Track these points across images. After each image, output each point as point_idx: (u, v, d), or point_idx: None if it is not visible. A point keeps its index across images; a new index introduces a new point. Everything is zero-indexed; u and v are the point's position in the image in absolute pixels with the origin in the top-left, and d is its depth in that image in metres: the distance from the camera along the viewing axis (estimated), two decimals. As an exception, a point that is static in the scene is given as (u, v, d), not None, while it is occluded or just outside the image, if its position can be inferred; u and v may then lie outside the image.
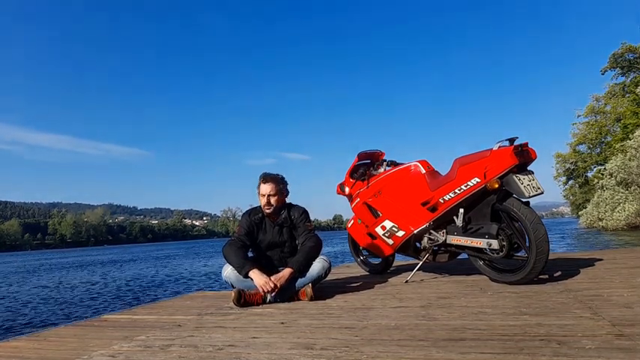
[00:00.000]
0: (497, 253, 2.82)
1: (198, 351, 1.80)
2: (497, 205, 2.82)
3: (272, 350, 1.73)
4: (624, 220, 20.86)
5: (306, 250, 2.95)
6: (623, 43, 30.17)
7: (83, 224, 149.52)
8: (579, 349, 1.46)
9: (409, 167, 3.43)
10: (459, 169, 2.93)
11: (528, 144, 2.76)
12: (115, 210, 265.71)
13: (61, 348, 2.04)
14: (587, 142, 33.07)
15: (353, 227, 3.91)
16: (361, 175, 3.72)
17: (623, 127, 27.21)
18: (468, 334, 1.75)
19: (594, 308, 2.01)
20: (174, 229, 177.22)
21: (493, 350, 1.52)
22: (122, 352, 1.85)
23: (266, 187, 3.07)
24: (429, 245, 3.18)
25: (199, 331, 2.19)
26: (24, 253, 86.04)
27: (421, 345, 1.65)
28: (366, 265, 4.13)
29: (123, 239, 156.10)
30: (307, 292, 2.84)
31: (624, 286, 2.47)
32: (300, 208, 3.16)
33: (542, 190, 2.74)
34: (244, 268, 2.84)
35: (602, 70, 32.60)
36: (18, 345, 2.17)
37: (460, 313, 2.14)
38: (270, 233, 3.11)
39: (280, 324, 2.21)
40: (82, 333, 2.35)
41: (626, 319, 1.79)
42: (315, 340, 1.84)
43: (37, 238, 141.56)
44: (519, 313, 2.04)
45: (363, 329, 1.97)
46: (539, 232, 2.62)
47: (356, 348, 1.68)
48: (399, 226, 3.31)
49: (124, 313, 3.01)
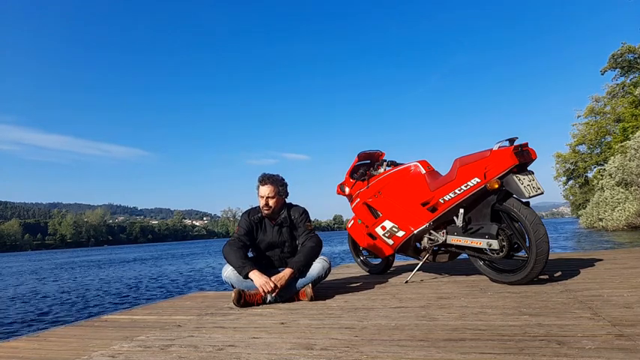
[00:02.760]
0: (497, 253, 2.82)
1: (198, 351, 1.80)
2: (498, 206, 2.82)
3: (272, 350, 1.73)
4: (624, 221, 20.85)
5: (306, 251, 2.95)
6: (623, 44, 30.20)
7: (83, 224, 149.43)
8: (579, 350, 1.46)
9: (409, 167, 3.43)
10: (459, 170, 2.93)
11: (528, 144, 2.76)
12: (115, 210, 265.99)
13: (61, 348, 2.04)
14: (587, 142, 33.10)
15: (353, 227, 3.91)
16: (361, 176, 3.72)
17: (622, 130, 27.21)
18: (468, 335, 1.75)
19: (594, 308, 2.01)
20: (174, 229, 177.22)
21: (493, 350, 1.52)
22: (122, 353, 1.85)
23: (264, 189, 3.06)
24: (429, 245, 3.18)
25: (199, 331, 2.19)
26: (24, 254, 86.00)
27: (421, 345, 1.66)
28: (366, 266, 4.13)
29: (123, 239, 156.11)
30: (307, 292, 2.84)
31: (624, 286, 2.47)
32: (300, 209, 3.16)
33: (542, 190, 2.74)
34: (244, 269, 2.84)
35: (602, 71, 32.61)
36: (18, 345, 2.17)
37: (460, 313, 2.15)
38: (269, 233, 3.11)
39: (280, 324, 2.21)
40: (81, 333, 2.35)
41: (626, 319, 1.79)
42: (315, 340, 1.85)
43: (37, 238, 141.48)
44: (519, 313, 2.04)
45: (363, 329, 1.97)
46: (539, 232, 2.62)
47: (356, 348, 1.68)
48: (399, 226, 3.31)
49: (123, 313, 3.00)
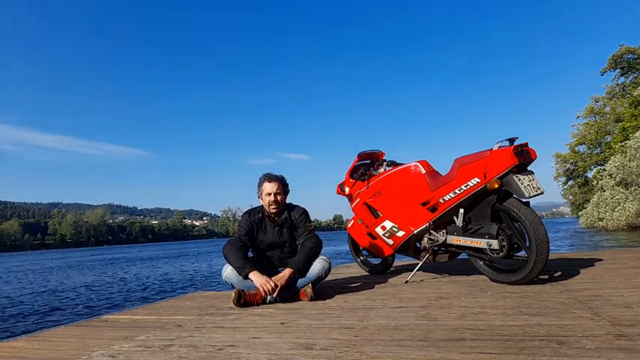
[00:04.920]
0: (497, 253, 2.82)
1: (198, 351, 1.80)
2: (498, 206, 2.82)
3: (272, 350, 1.73)
4: (624, 221, 20.83)
5: (307, 251, 2.95)
6: (621, 45, 30.22)
7: (83, 224, 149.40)
8: (579, 349, 1.46)
9: (409, 167, 3.43)
10: (459, 169, 2.93)
11: (528, 144, 2.76)
12: (115, 210, 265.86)
13: (61, 348, 2.04)
14: (587, 142, 33.10)
15: (353, 227, 3.91)
16: (361, 176, 3.72)
17: (622, 130, 27.21)
18: (467, 335, 1.75)
19: (594, 308, 2.01)
20: (174, 229, 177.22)
21: (493, 350, 1.52)
22: (122, 352, 1.85)
23: (272, 186, 3.07)
24: (429, 245, 3.18)
25: (199, 331, 2.19)
26: (24, 254, 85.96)
27: (421, 345, 1.66)
28: (366, 266, 4.13)
29: (123, 239, 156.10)
30: (307, 292, 2.84)
31: (624, 286, 2.47)
32: (300, 209, 3.17)
33: (542, 190, 2.74)
34: (244, 269, 2.84)
35: (601, 72, 32.62)
36: (18, 345, 2.17)
37: (460, 313, 2.15)
38: (270, 233, 3.11)
39: (280, 324, 2.21)
40: (82, 333, 2.35)
41: (626, 319, 1.79)
42: (315, 340, 1.85)
43: (37, 238, 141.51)
44: (519, 313, 2.04)
45: (363, 329, 1.97)
46: (539, 232, 2.62)
47: (356, 348, 1.68)
48: (399, 226, 3.31)
49: (124, 313, 3.01)
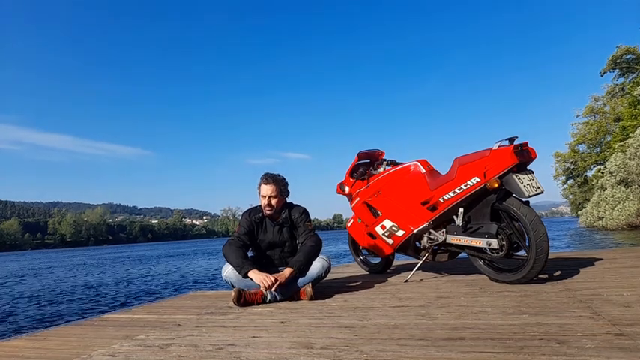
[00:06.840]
0: (496, 252, 2.82)
1: (198, 350, 1.80)
2: (497, 205, 2.82)
3: (272, 349, 1.73)
4: (624, 220, 20.80)
5: (307, 250, 2.95)
6: (618, 47, 30.21)
7: (83, 224, 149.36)
8: (579, 348, 1.46)
9: (409, 167, 3.43)
10: (458, 169, 2.93)
11: (528, 144, 2.77)
12: (115, 209, 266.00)
13: (61, 347, 2.04)
14: (587, 142, 33.08)
15: (353, 227, 3.91)
16: (361, 175, 3.72)
17: (622, 129, 27.21)
18: (467, 334, 1.75)
19: (594, 307, 2.01)
20: (174, 228, 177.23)
21: (493, 349, 1.52)
22: (122, 352, 1.85)
23: (267, 189, 3.06)
24: (428, 245, 3.18)
25: (199, 330, 2.19)
26: (24, 253, 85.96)
27: (421, 344, 1.66)
28: (365, 265, 4.13)
29: (123, 239, 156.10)
30: (307, 291, 2.84)
31: (624, 286, 2.47)
32: (300, 208, 3.17)
33: (542, 189, 2.74)
34: (244, 268, 2.84)
35: (601, 72, 32.59)
36: (18, 344, 2.17)
37: (460, 312, 2.15)
38: (270, 233, 3.11)
39: (280, 323, 2.21)
40: (82, 332, 2.35)
41: (625, 318, 1.79)
42: (314, 339, 1.85)
43: (37, 237, 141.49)
44: (519, 312, 2.05)
45: (363, 328, 1.97)
46: (538, 231, 2.63)
47: (356, 347, 1.68)
48: (398, 225, 3.31)
49: (124, 312, 3.01)
